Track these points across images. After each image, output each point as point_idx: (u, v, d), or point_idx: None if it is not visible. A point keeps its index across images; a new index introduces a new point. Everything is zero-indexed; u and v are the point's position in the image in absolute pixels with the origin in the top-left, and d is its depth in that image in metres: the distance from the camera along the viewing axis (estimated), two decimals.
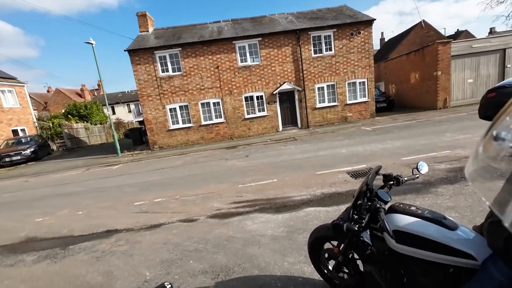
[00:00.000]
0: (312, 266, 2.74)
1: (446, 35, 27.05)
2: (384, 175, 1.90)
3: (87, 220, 5.27)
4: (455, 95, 14.94)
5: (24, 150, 15.85)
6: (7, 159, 15.28)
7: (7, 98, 18.90)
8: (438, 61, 14.40)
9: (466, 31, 32.84)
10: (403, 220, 1.51)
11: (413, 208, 1.58)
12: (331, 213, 4.05)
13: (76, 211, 5.92)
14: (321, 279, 2.55)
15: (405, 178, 1.88)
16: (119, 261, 3.52)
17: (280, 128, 15.20)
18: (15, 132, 19.01)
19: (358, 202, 1.76)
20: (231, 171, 7.73)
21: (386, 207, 1.68)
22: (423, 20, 24.12)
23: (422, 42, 22.88)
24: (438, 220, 1.42)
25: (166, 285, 1.13)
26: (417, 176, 1.95)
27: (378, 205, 1.60)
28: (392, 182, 1.86)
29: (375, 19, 14.24)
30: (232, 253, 3.32)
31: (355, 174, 5.73)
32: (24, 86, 20.56)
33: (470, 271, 1.23)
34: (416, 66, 16.69)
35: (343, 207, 4.21)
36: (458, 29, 35.17)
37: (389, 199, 1.69)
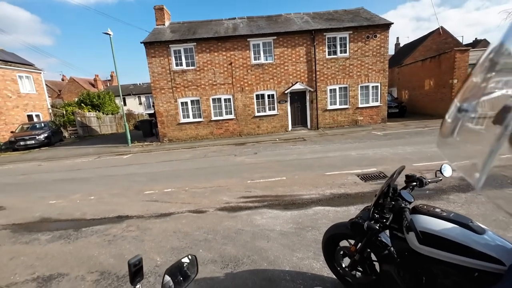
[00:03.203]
0: (322, 262, 2.77)
1: (464, 43, 26.48)
2: (407, 176, 1.90)
3: (98, 205, 5.40)
4: None
5: (38, 135, 16.26)
6: (21, 143, 15.70)
7: (24, 83, 19.40)
8: (455, 69, 14.13)
9: (484, 40, 32.04)
10: (428, 222, 1.50)
11: (437, 210, 1.57)
12: (340, 213, 4.05)
13: (88, 196, 6.08)
14: (330, 275, 2.58)
15: (429, 180, 1.87)
16: (130, 245, 3.61)
17: (290, 127, 15.19)
18: (30, 117, 19.51)
19: (380, 202, 1.76)
20: (240, 167, 7.78)
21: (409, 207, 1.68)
22: (441, 27, 23.65)
23: (438, 49, 22.45)
24: (464, 223, 1.40)
25: (190, 257, 1.19)
26: (440, 178, 1.94)
27: (403, 205, 1.60)
28: (415, 183, 1.86)
29: (392, 23, 14.05)
30: (241, 245, 3.37)
31: (365, 177, 5.70)
32: (40, 73, 21.05)
33: (496, 276, 1.22)
34: (431, 73, 16.41)
35: (352, 208, 4.21)
36: (476, 38, 34.32)
37: (413, 200, 1.68)
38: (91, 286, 2.80)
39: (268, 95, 14.72)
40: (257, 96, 14.71)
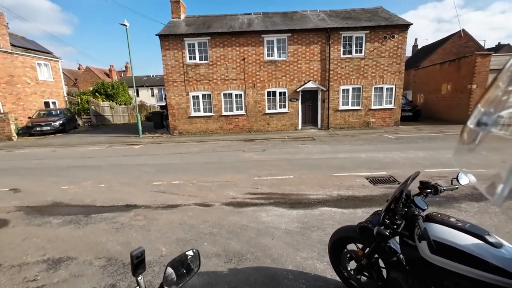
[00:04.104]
0: (326, 263, 2.76)
1: (485, 47, 25.53)
2: (422, 182, 1.85)
3: (108, 193, 5.53)
4: None
5: (53, 121, 16.73)
6: (38, 129, 16.20)
7: (42, 71, 19.96)
8: (475, 73, 13.65)
9: (508, 44, 30.75)
10: (441, 231, 1.45)
11: (452, 219, 1.52)
12: (347, 215, 4.01)
13: (98, 183, 6.22)
14: (333, 277, 2.56)
15: (444, 188, 1.82)
16: (137, 234, 3.68)
17: (300, 126, 15.08)
18: (46, 104, 20.08)
19: (391, 207, 1.72)
20: (248, 163, 7.79)
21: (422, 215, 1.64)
22: (463, 29, 22.84)
23: (458, 52, 21.73)
24: (480, 235, 1.36)
25: (194, 251, 1.20)
26: (456, 186, 1.88)
27: (416, 212, 1.56)
28: (429, 190, 1.80)
29: (411, 24, 13.66)
30: (245, 241, 3.39)
31: (373, 180, 5.61)
32: (58, 61, 21.60)
33: None
34: (449, 77, 15.92)
35: (359, 211, 4.16)
36: (499, 42, 33.00)
37: (426, 207, 1.64)
38: (98, 271, 2.87)
39: (280, 93, 14.64)
40: (269, 93, 14.64)
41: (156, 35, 13.85)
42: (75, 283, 2.70)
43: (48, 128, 16.40)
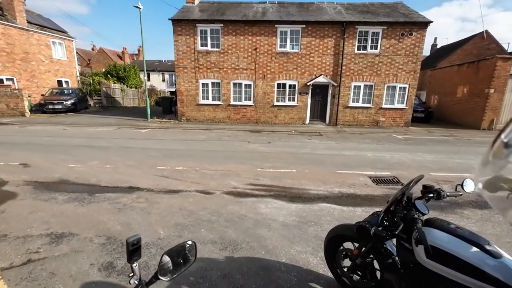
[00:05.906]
0: (320, 259, 2.79)
1: (509, 51, 24.45)
2: (425, 186, 1.81)
3: (113, 174, 5.65)
4: (504, 117, 13.67)
5: (65, 100, 17.03)
6: (50, 106, 16.52)
7: (57, 50, 20.18)
8: (494, 77, 13.15)
9: None
10: (440, 237, 1.44)
11: (452, 226, 1.50)
12: (346, 213, 4.00)
13: (104, 164, 6.36)
14: (325, 272, 2.58)
15: (447, 193, 1.78)
16: (137, 216, 3.77)
17: (307, 121, 14.94)
18: (59, 82, 20.39)
19: (391, 209, 1.70)
20: (252, 154, 7.81)
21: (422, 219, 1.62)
22: (486, 30, 21.88)
23: (479, 54, 20.88)
24: (480, 244, 1.34)
25: (191, 242, 1.20)
26: (460, 193, 1.84)
27: (415, 216, 1.54)
28: (432, 195, 1.77)
29: (431, 22, 13.15)
30: (242, 230, 3.43)
31: (377, 180, 5.56)
32: (73, 41, 21.77)
33: None
34: (467, 79, 15.39)
35: (359, 210, 4.14)
36: None
37: (427, 211, 1.61)
38: (97, 249, 2.97)
39: (290, 85, 14.46)
40: (278, 85, 14.49)
41: (169, 19, 13.77)
42: (75, 258, 2.80)
43: (60, 106, 16.70)
